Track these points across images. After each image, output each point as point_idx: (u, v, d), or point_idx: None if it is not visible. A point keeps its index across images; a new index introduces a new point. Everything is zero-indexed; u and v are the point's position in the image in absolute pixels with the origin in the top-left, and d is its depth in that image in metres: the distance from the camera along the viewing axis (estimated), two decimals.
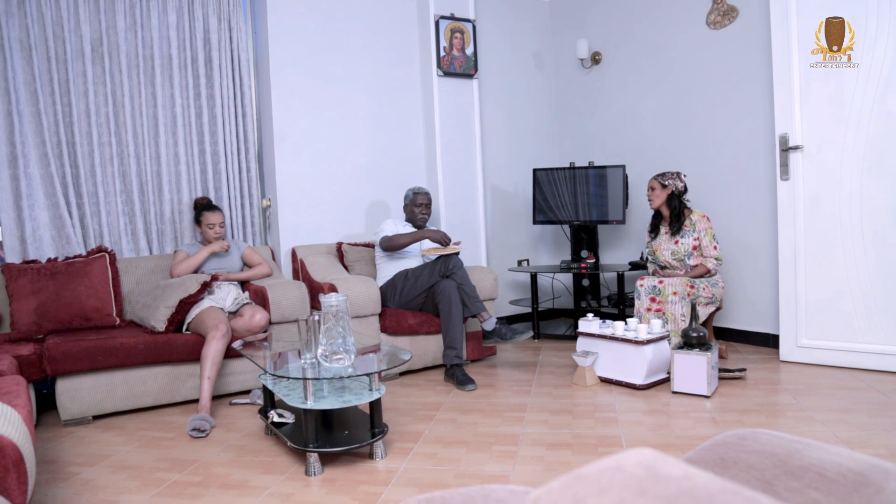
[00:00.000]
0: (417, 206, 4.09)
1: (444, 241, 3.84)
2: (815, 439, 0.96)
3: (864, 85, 3.38)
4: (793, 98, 3.59)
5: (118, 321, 3.51)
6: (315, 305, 3.64)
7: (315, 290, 3.74)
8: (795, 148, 3.60)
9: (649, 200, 3.85)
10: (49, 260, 3.52)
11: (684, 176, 3.82)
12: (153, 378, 3.22)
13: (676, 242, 3.76)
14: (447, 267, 3.67)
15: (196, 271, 3.55)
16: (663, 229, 3.85)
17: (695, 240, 3.71)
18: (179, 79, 4.01)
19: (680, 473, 0.48)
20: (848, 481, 0.83)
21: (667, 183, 3.76)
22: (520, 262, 5.33)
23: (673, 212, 3.78)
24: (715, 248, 3.68)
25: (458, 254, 3.78)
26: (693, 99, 4.44)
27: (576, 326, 3.66)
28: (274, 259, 4.23)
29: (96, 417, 3.15)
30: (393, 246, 3.86)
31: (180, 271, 3.50)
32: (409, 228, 4.07)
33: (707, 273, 3.67)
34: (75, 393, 3.05)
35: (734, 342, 4.25)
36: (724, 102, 4.25)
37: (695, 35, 4.38)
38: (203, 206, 3.76)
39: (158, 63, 3.94)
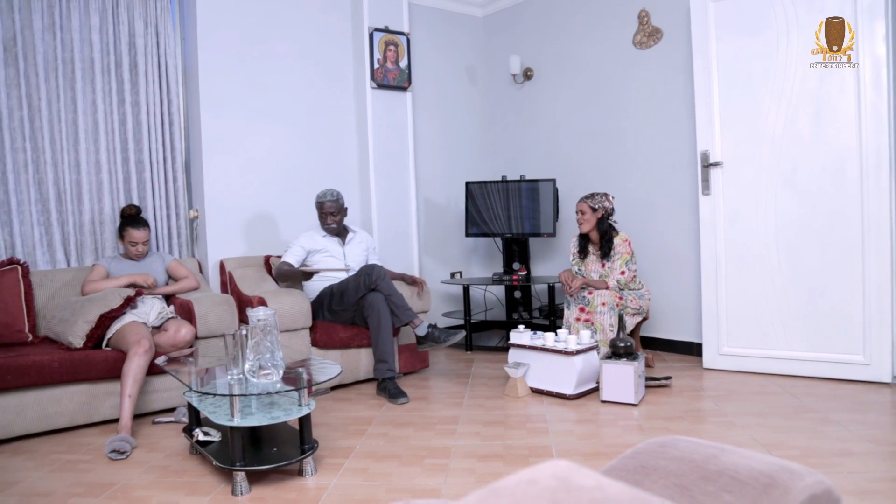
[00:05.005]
0: (324, 216, 3.94)
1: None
2: (735, 443, 1.00)
3: (777, 104, 3.57)
4: (713, 116, 3.77)
5: (30, 337, 3.32)
6: (244, 319, 3.54)
7: (244, 304, 3.64)
8: (715, 164, 3.76)
9: (579, 224, 3.79)
10: None
11: (612, 197, 3.82)
12: (69, 397, 3.05)
13: (604, 266, 3.79)
14: (371, 279, 3.61)
15: None
16: (592, 249, 3.86)
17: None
18: (102, 84, 3.85)
19: (592, 484, 0.49)
20: (759, 483, 0.87)
21: (596, 206, 3.73)
22: (452, 275, 5.35)
23: (603, 235, 3.76)
24: (622, 273, 3.68)
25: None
26: (621, 115, 4.59)
27: (507, 338, 3.70)
28: (201, 272, 4.09)
29: (3, 441, 2.95)
30: (280, 277, 3.89)
31: (90, 290, 3.34)
32: (331, 240, 3.99)
33: (606, 288, 3.69)
34: None
35: (660, 351, 4.39)
36: (650, 119, 4.40)
37: (622, 54, 4.53)
38: (128, 220, 3.57)
39: (79, 66, 3.76)
